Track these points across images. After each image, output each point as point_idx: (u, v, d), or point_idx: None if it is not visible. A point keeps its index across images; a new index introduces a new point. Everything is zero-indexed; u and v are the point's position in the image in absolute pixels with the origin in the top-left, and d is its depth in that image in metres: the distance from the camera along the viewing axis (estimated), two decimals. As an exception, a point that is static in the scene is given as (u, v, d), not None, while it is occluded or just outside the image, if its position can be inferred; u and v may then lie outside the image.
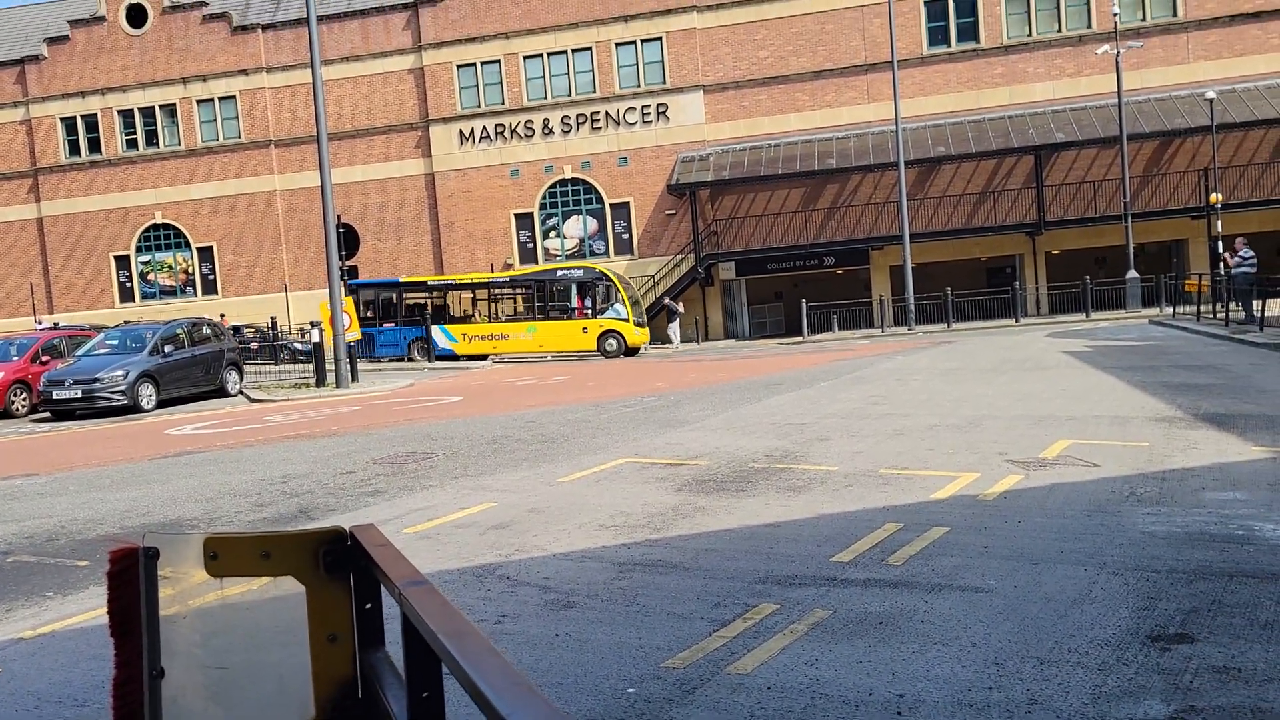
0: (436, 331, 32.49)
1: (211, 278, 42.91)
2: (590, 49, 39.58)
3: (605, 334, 31.22)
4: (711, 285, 39.06)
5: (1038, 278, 37.69)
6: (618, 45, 39.42)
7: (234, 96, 42.03)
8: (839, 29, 37.99)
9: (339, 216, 23.70)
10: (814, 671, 4.32)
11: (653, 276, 38.73)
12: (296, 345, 32.57)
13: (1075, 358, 18.09)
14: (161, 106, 42.43)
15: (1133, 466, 8.16)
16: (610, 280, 31.67)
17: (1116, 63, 33.05)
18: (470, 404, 17.23)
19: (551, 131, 39.81)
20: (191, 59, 42.07)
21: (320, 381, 22.30)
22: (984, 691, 4.05)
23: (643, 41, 39.26)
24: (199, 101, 42.19)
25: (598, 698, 4.16)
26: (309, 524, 7.60)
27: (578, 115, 39.65)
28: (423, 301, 33.43)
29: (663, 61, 39.21)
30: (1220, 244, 30.10)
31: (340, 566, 1.53)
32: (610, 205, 39.64)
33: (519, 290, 33.05)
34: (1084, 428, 10.23)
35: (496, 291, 33.41)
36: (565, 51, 39.76)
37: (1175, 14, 35.99)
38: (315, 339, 23.08)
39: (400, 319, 33.17)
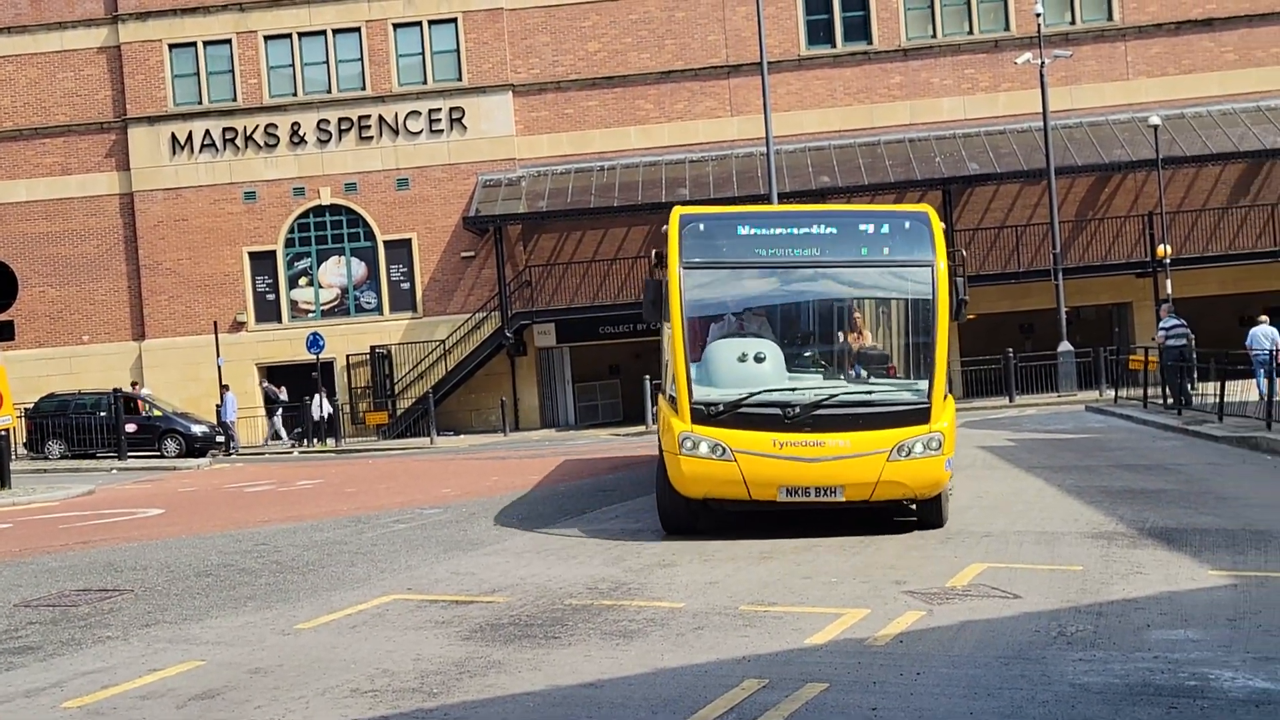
0: None
1: None
2: (359, 30, 39.57)
3: None
4: (524, 355, 39.12)
5: (949, 349, 39.31)
6: (396, 27, 39.58)
7: None
8: (692, 18, 39.34)
9: (-11, 251, 22.85)
10: None
11: (443, 342, 38.53)
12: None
13: (995, 455, 18.95)
14: None
15: (1062, 598, 8.58)
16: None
17: (1041, 75, 35.29)
18: (175, 519, 16.81)
19: (303, 141, 39.41)
20: None
21: (-47, 488, 21.72)
22: None
23: (431, 23, 39.56)
24: None
25: None
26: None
27: (340, 120, 39.42)
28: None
29: (459, 51, 39.56)
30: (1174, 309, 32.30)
31: None
32: (385, 243, 39.38)
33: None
34: (1003, 547, 10.72)
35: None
36: (324, 32, 39.63)
37: (1110, 17, 38.90)
38: (-52, 427, 22.15)
39: None
